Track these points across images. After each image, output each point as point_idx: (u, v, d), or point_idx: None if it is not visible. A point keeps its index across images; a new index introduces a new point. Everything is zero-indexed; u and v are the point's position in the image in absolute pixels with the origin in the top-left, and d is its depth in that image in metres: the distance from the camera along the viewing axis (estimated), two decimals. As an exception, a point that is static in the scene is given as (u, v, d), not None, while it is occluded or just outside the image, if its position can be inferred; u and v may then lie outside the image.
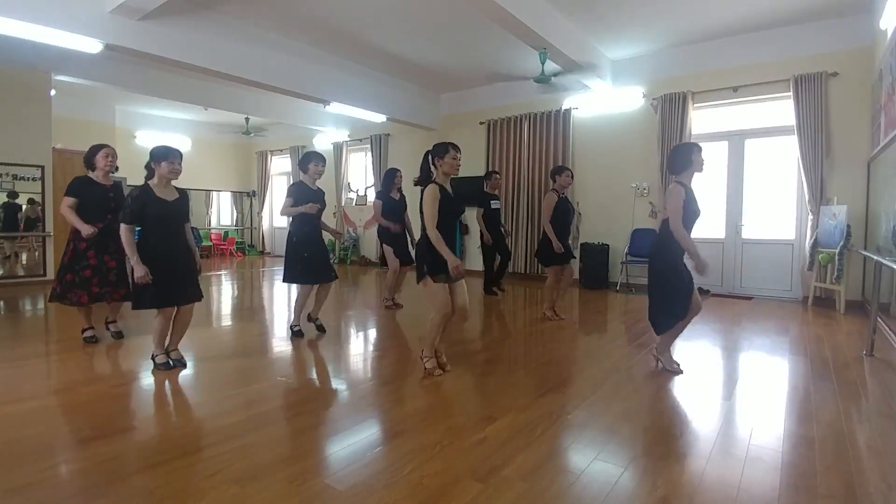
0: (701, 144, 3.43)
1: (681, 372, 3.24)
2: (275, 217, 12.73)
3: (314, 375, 3.31)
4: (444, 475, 1.91)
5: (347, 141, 10.83)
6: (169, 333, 3.29)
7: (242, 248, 12.81)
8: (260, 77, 6.44)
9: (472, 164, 8.85)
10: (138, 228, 3.14)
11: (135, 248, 3.04)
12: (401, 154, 9.54)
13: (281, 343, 4.04)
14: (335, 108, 7.70)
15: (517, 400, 2.75)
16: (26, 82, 7.05)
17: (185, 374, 3.21)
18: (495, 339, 4.33)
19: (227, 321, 5.12)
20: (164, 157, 3.14)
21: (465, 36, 6.38)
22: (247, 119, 10.48)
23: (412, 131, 9.17)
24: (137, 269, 3.02)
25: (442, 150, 3.05)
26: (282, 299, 6.42)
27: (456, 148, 3.07)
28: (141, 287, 3.05)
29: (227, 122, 11.22)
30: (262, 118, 10.02)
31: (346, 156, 10.97)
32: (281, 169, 12.54)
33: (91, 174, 3.81)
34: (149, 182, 3.16)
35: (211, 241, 12.21)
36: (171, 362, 3.25)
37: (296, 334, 4.15)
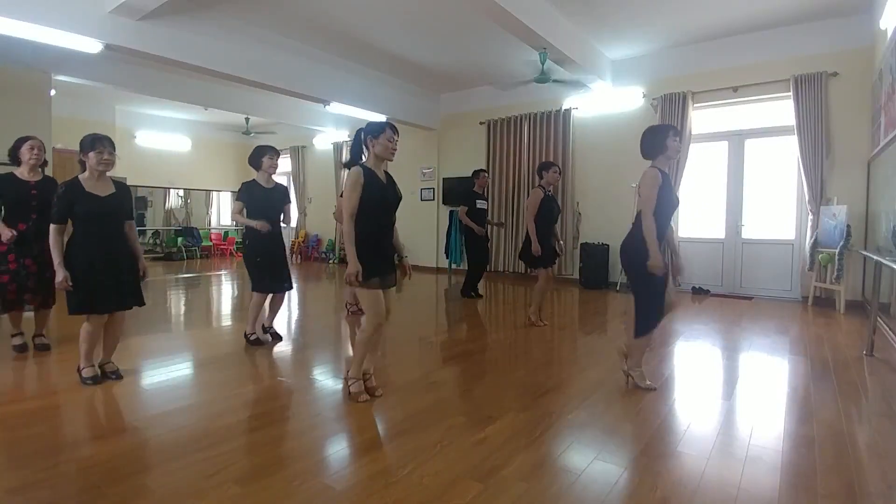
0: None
1: (654, 389, 2.91)
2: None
3: (314, 376, 3.31)
4: (444, 475, 1.91)
5: (347, 141, 10.83)
6: (100, 344, 3.04)
7: (242, 249, 12.80)
8: (260, 77, 6.44)
9: (472, 165, 8.81)
10: None
11: (60, 251, 2.74)
12: (400, 154, 9.31)
13: (280, 344, 4.03)
14: (335, 108, 7.71)
15: (517, 400, 2.75)
16: (26, 82, 7.04)
17: (184, 374, 3.21)
18: (495, 339, 4.33)
19: (226, 321, 5.12)
20: (90, 147, 2.78)
21: (465, 36, 6.38)
22: (247, 119, 10.48)
23: (412, 131, 9.17)
24: (58, 273, 2.72)
25: (377, 128, 2.63)
26: (282, 299, 6.41)
27: (393, 129, 2.67)
28: (70, 292, 2.76)
29: (227, 122, 11.22)
30: (262, 118, 10.01)
31: (347, 156, 10.95)
32: (281, 169, 12.46)
33: (15, 170, 3.46)
34: (79, 176, 2.84)
35: (211, 241, 12.20)
36: (99, 376, 2.95)
37: (252, 343, 3.85)
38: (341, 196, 5.25)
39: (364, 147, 2.69)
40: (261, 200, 3.71)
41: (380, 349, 2.94)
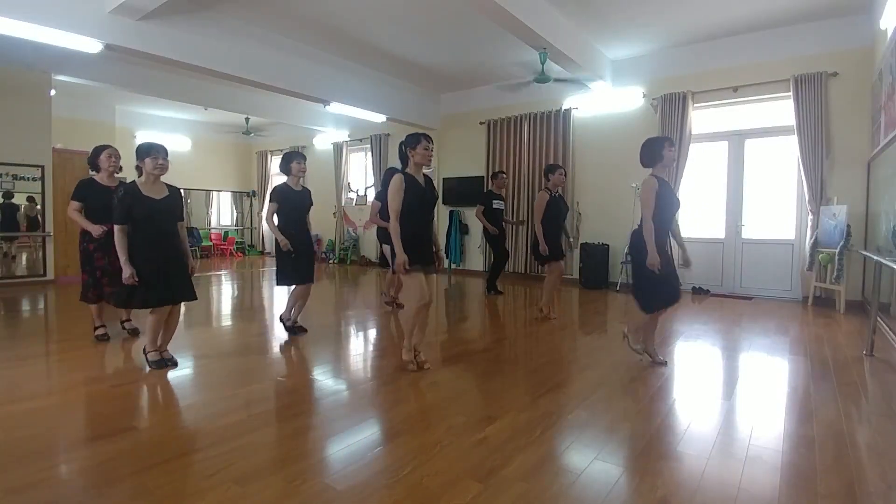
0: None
1: (641, 356, 3.44)
2: (275, 217, 12.74)
3: (314, 375, 3.31)
4: (444, 475, 1.91)
5: (347, 141, 10.83)
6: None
7: (242, 248, 12.81)
8: (260, 77, 6.44)
9: (472, 164, 8.88)
10: None
11: (125, 249, 3.04)
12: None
13: (280, 343, 4.04)
14: (335, 108, 7.71)
15: (517, 400, 2.75)
16: (26, 82, 7.05)
17: (185, 373, 3.21)
18: (495, 339, 4.33)
19: (226, 321, 5.12)
20: (146, 154, 3.08)
21: (465, 36, 6.38)
22: (247, 119, 10.49)
23: (412, 131, 9.18)
24: (125, 270, 3.02)
25: (414, 140, 3.13)
26: (281, 299, 6.41)
27: (428, 138, 3.15)
28: (129, 287, 3.05)
29: (227, 122, 11.22)
30: (262, 118, 10.03)
31: (346, 156, 10.97)
32: (281, 169, 12.53)
33: (95, 176, 3.85)
34: (136, 180, 3.13)
35: (211, 241, 12.20)
36: (161, 361, 3.24)
37: (289, 330, 4.24)
38: (375, 200, 5.55)
39: (406, 156, 3.16)
40: (292, 201, 4.09)
41: (425, 330, 3.40)
